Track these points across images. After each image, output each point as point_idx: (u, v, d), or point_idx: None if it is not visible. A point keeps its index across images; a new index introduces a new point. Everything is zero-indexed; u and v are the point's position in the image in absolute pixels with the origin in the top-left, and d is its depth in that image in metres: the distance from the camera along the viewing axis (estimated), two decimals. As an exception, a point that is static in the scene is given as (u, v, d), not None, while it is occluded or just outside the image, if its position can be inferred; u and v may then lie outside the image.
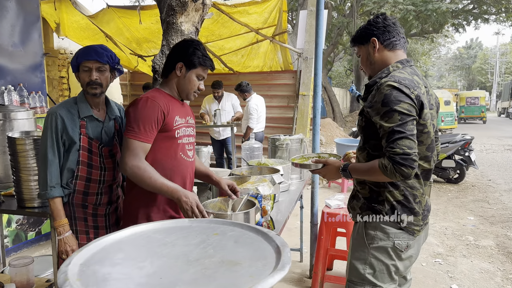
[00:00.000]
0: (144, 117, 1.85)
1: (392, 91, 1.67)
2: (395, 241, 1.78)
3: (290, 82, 7.64)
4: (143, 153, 1.85)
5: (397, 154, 1.61)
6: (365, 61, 1.93)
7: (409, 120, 1.65)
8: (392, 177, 1.65)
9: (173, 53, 1.99)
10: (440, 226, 5.36)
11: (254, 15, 5.98)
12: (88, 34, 6.94)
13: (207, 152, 4.17)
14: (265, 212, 2.25)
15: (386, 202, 1.79)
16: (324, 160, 2.07)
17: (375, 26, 1.86)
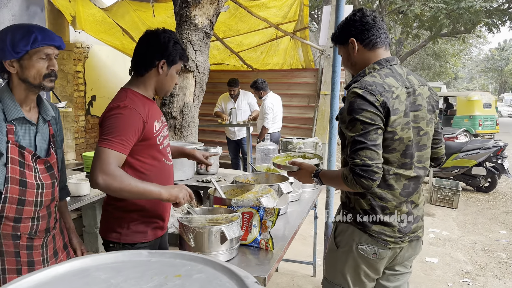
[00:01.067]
0: (123, 126, 1.67)
1: (356, 99, 1.63)
2: (359, 245, 1.79)
3: (311, 80, 7.30)
4: (117, 163, 1.64)
5: (357, 165, 1.59)
6: (346, 62, 1.87)
7: (372, 130, 1.60)
8: (352, 187, 1.64)
9: (150, 48, 1.78)
10: (469, 240, 4.93)
11: (273, 9, 5.67)
12: (105, 27, 6.78)
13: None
14: (265, 228, 1.95)
15: (353, 210, 1.80)
16: (299, 163, 2.02)
17: (353, 25, 1.78)
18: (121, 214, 1.84)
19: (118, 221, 1.84)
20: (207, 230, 1.70)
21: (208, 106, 7.68)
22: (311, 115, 7.32)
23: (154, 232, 1.92)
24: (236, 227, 1.76)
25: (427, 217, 5.81)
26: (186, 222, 1.76)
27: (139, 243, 1.86)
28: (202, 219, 1.83)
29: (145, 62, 1.79)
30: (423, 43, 19.73)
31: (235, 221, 1.77)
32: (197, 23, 4.58)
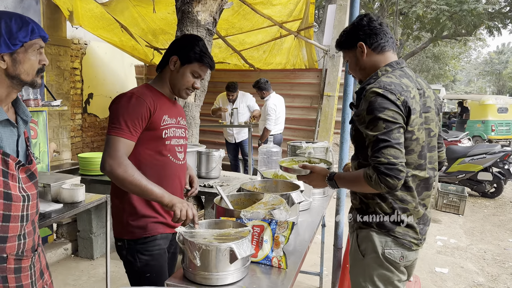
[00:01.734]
0: (128, 113, 1.72)
1: (377, 98, 1.61)
2: (385, 250, 1.74)
3: (314, 81, 7.10)
4: (125, 151, 1.70)
5: (382, 163, 1.55)
6: (354, 67, 1.85)
7: (395, 128, 1.59)
8: (377, 188, 1.59)
9: (170, 47, 1.89)
10: (478, 248, 4.77)
11: (278, 6, 5.47)
12: (103, 23, 6.56)
13: (219, 157, 3.71)
14: (277, 244, 1.76)
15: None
16: (311, 166, 1.95)
17: (361, 29, 1.78)
18: (121, 209, 1.84)
19: (119, 217, 1.86)
20: (215, 248, 1.51)
21: (208, 105, 7.48)
22: (314, 116, 7.13)
23: (157, 227, 1.86)
24: (247, 244, 1.57)
25: (434, 223, 5.64)
26: (191, 238, 1.57)
27: (142, 239, 1.83)
28: (209, 234, 1.65)
29: (163, 60, 1.87)
30: (423, 45, 19.58)
31: (246, 237, 1.58)
32: (200, 20, 4.39)
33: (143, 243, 1.83)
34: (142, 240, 1.83)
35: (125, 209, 1.83)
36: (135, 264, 1.83)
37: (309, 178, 1.95)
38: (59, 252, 3.76)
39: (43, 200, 2.34)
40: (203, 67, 1.84)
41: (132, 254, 1.83)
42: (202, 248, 1.51)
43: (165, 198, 1.70)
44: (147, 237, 1.83)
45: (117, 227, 1.87)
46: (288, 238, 1.79)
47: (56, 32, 6.35)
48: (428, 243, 4.85)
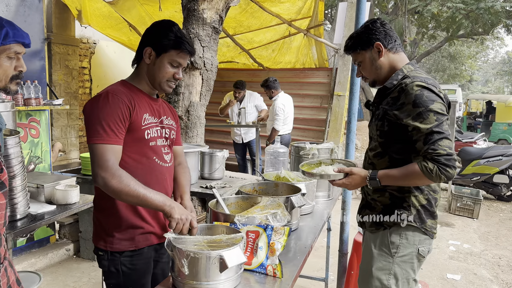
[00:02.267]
0: (107, 115, 1.55)
1: (423, 91, 1.65)
2: (419, 248, 1.80)
3: (324, 80, 6.98)
4: (114, 158, 1.54)
5: (441, 155, 1.60)
6: (370, 67, 1.86)
7: (444, 120, 1.64)
8: (436, 179, 1.63)
9: (142, 38, 1.70)
10: (493, 254, 4.58)
11: (287, 3, 5.36)
12: (111, 23, 6.54)
13: (222, 157, 3.62)
14: (273, 252, 1.66)
15: (412, 208, 1.78)
16: (349, 169, 1.89)
17: (376, 30, 1.81)
18: (105, 219, 1.70)
19: (103, 227, 1.70)
20: (204, 255, 1.41)
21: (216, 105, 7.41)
22: (324, 116, 7.01)
23: (144, 238, 1.72)
24: (239, 251, 1.46)
25: (446, 227, 5.47)
26: (179, 244, 1.48)
27: (127, 252, 1.69)
28: (199, 240, 1.55)
29: (137, 52, 1.71)
30: (439, 44, 19.22)
31: (238, 244, 1.48)
32: (205, 18, 4.31)
33: (130, 256, 1.69)
34: (128, 253, 1.69)
35: (110, 219, 1.68)
36: (117, 276, 1.69)
37: (348, 181, 1.87)
38: (61, 252, 3.71)
39: (35, 201, 2.28)
40: (182, 53, 1.64)
41: (115, 265, 1.68)
42: (190, 255, 1.41)
43: (166, 207, 1.54)
44: (133, 250, 1.70)
45: (100, 238, 1.70)
46: (284, 246, 1.69)
47: (65, 32, 6.35)
48: (440, 248, 4.69)
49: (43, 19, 3.51)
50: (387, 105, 1.77)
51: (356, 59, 1.90)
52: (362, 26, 1.87)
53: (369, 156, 1.94)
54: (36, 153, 3.53)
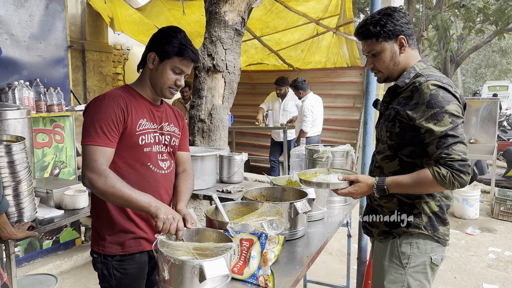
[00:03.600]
0: (101, 117, 1.57)
1: (439, 91, 1.55)
2: (432, 256, 1.69)
3: (357, 80, 6.78)
4: (105, 160, 1.55)
5: (455, 160, 1.50)
6: (389, 61, 1.69)
7: (460, 123, 1.54)
8: (449, 186, 1.52)
9: (148, 44, 1.72)
10: (538, 263, 4.22)
11: (312, 2, 5.23)
12: (143, 29, 6.69)
13: (240, 161, 3.56)
14: (265, 261, 1.57)
15: (423, 215, 1.67)
16: (355, 176, 1.74)
17: (401, 21, 1.66)
18: (99, 222, 1.72)
19: (97, 230, 1.73)
20: (183, 263, 1.35)
21: (247, 107, 7.40)
22: (357, 117, 6.80)
23: (136, 244, 1.72)
24: (222, 263, 1.39)
25: (487, 233, 5.12)
26: (163, 248, 1.43)
27: (118, 256, 1.70)
28: (185, 246, 1.49)
29: (142, 57, 1.73)
30: (487, 39, 18.28)
31: (223, 256, 1.40)
32: (227, 20, 4.28)
33: (120, 260, 1.70)
34: (119, 257, 1.69)
35: (103, 222, 1.69)
36: (109, 279, 1.71)
37: (354, 189, 1.72)
38: (86, 255, 3.80)
39: (45, 205, 2.33)
40: (185, 61, 1.65)
41: (107, 269, 1.70)
42: (170, 261, 1.36)
43: (151, 208, 1.52)
44: (125, 255, 1.70)
45: (94, 240, 1.74)
46: (278, 256, 1.61)
47: (98, 39, 6.56)
48: (479, 255, 4.38)
49: (66, 27, 3.59)
50: (399, 105, 1.65)
51: (372, 49, 1.70)
52: (383, 13, 1.67)
53: (377, 159, 1.81)
54: (60, 158, 3.63)
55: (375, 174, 1.80)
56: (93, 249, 1.73)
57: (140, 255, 1.75)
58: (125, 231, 1.69)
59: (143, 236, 1.73)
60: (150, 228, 1.74)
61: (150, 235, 1.74)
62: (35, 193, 2.24)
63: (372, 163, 1.88)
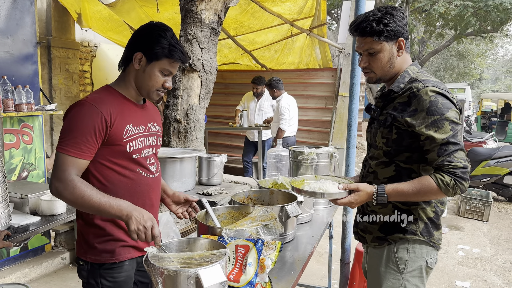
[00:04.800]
0: (78, 127, 1.48)
1: (438, 98, 1.53)
2: (427, 260, 1.69)
3: (329, 81, 6.85)
4: (74, 169, 1.46)
5: (458, 168, 1.50)
6: (386, 62, 1.64)
7: (459, 130, 1.54)
8: (451, 194, 1.52)
9: (132, 41, 1.61)
10: (504, 259, 4.41)
11: (288, 3, 5.23)
12: (112, 25, 6.47)
13: (220, 162, 3.51)
14: (262, 268, 1.53)
15: (419, 221, 1.66)
16: (355, 185, 1.65)
17: (403, 23, 1.61)
18: (86, 229, 1.63)
19: (84, 237, 1.64)
20: (179, 274, 1.29)
21: (220, 107, 7.33)
22: (329, 118, 6.87)
23: (126, 251, 1.66)
24: (218, 270, 1.33)
25: (455, 231, 5.30)
26: (154, 260, 1.36)
27: (107, 264, 1.62)
28: (177, 257, 1.43)
29: (125, 56, 1.61)
30: (447, 43, 18.97)
31: (218, 262, 1.35)
32: (204, 19, 4.21)
33: (109, 268, 1.62)
34: (108, 265, 1.61)
35: (91, 229, 1.61)
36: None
37: (353, 198, 1.64)
38: (56, 261, 3.62)
39: (19, 212, 2.19)
40: (175, 62, 1.58)
41: (94, 277, 1.61)
42: (164, 273, 1.30)
43: (123, 216, 1.44)
44: (114, 263, 1.62)
45: (81, 247, 1.64)
46: (275, 262, 1.57)
47: (65, 35, 6.29)
48: (449, 253, 4.53)
49: (35, 22, 3.41)
50: (396, 111, 1.62)
51: (370, 47, 1.63)
52: (385, 11, 1.60)
53: (370, 165, 1.78)
54: (29, 160, 3.45)
55: (369, 179, 1.78)
56: (80, 257, 1.64)
57: (129, 262, 1.68)
58: (115, 239, 1.62)
59: (133, 245, 1.66)
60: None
61: (140, 242, 1.64)
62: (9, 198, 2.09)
63: (365, 168, 1.84)
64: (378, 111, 1.73)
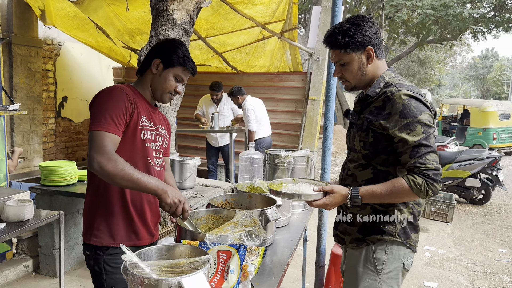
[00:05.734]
0: (111, 106, 1.64)
1: (411, 101, 1.57)
2: (404, 262, 1.72)
3: (299, 85, 6.89)
4: (112, 145, 1.60)
5: (430, 169, 1.53)
6: (356, 71, 1.70)
7: (432, 133, 1.57)
8: (423, 195, 1.56)
9: (152, 50, 1.85)
10: (468, 259, 4.57)
11: (260, 6, 5.22)
12: (77, 23, 6.24)
13: (193, 165, 3.44)
14: (245, 275, 1.50)
15: (397, 223, 1.69)
16: (330, 187, 1.69)
17: (370, 31, 1.65)
18: (93, 213, 1.76)
19: (90, 222, 1.77)
20: (161, 282, 1.23)
21: (189, 109, 7.22)
22: (299, 121, 6.91)
23: (127, 238, 1.77)
24: (202, 278, 1.29)
25: (421, 232, 5.44)
26: (133, 268, 1.30)
27: (110, 249, 1.73)
28: (157, 265, 1.37)
29: (145, 62, 1.82)
30: (409, 50, 19.60)
31: (201, 269, 1.30)
32: (175, 19, 4.12)
33: (111, 254, 1.72)
34: (111, 250, 1.72)
35: (98, 212, 1.73)
36: (101, 275, 1.73)
37: (328, 200, 1.67)
38: (18, 269, 3.43)
39: (-18, 218, 2.05)
40: (186, 71, 1.80)
41: (98, 265, 1.73)
42: (145, 282, 1.24)
43: (159, 190, 1.59)
44: (116, 248, 1.71)
45: (86, 231, 1.77)
46: (258, 268, 1.54)
47: (27, 32, 6.03)
48: (416, 254, 4.63)
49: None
50: (371, 115, 1.66)
51: (340, 59, 1.70)
52: (352, 22, 1.66)
53: (349, 167, 1.81)
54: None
55: (347, 182, 1.80)
56: (85, 242, 1.76)
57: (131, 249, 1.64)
58: (119, 223, 1.74)
59: (136, 231, 1.78)
60: (144, 225, 1.80)
61: (142, 230, 1.80)
62: (-30, 204, 1.95)
63: (344, 171, 1.87)
64: (356, 115, 1.77)
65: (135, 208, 1.76)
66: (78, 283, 3.43)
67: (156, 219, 1.90)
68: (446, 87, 54.83)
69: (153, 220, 1.86)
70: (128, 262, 1.32)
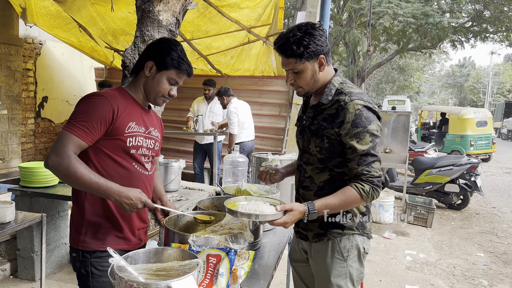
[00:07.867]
0: (88, 112, 1.61)
1: (362, 111, 1.67)
2: (364, 247, 1.85)
3: (283, 89, 6.93)
4: (74, 148, 1.57)
5: (375, 177, 1.67)
6: (310, 79, 1.75)
7: (377, 142, 1.69)
8: (369, 200, 1.71)
9: (145, 51, 1.80)
10: (447, 264, 4.65)
11: (246, 10, 5.23)
12: (60, 23, 6.13)
13: (178, 168, 3.41)
14: (235, 279, 1.49)
15: (354, 217, 1.82)
16: (290, 205, 1.70)
17: (322, 40, 1.69)
18: (80, 217, 1.73)
19: (77, 226, 1.74)
20: (149, 287, 1.21)
21: (173, 112, 7.19)
22: (283, 125, 6.94)
23: (115, 242, 1.74)
24: (191, 281, 1.27)
25: (402, 236, 5.52)
26: (122, 272, 1.27)
27: (98, 252, 1.71)
28: (145, 268, 1.35)
29: (138, 63, 1.78)
30: (389, 57, 19.93)
31: (191, 273, 1.29)
32: (161, 20, 4.09)
33: (99, 257, 1.70)
34: (98, 253, 1.69)
35: (84, 217, 1.70)
36: (87, 278, 1.71)
37: (288, 218, 1.65)
38: (-5, 273, 3.34)
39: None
40: (181, 74, 1.74)
41: (85, 267, 1.70)
42: (133, 286, 1.22)
43: (111, 195, 1.56)
44: (103, 251, 1.67)
45: (73, 236, 1.73)
46: (248, 272, 1.53)
47: (7, 30, 5.90)
48: (397, 258, 4.70)
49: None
50: (325, 122, 1.75)
51: (294, 68, 1.71)
52: (304, 30, 1.66)
53: (306, 170, 1.87)
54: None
55: (306, 184, 1.87)
56: (72, 246, 1.73)
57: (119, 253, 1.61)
58: (107, 227, 1.71)
59: (124, 236, 1.75)
60: (130, 229, 1.77)
61: (130, 235, 1.78)
62: (-51, 205, 1.89)
63: (301, 173, 1.91)
64: (309, 120, 1.83)
65: (120, 213, 1.73)
66: (58, 287, 3.35)
67: (144, 225, 1.87)
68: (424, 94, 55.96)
69: (140, 226, 1.83)
70: (115, 265, 1.30)
